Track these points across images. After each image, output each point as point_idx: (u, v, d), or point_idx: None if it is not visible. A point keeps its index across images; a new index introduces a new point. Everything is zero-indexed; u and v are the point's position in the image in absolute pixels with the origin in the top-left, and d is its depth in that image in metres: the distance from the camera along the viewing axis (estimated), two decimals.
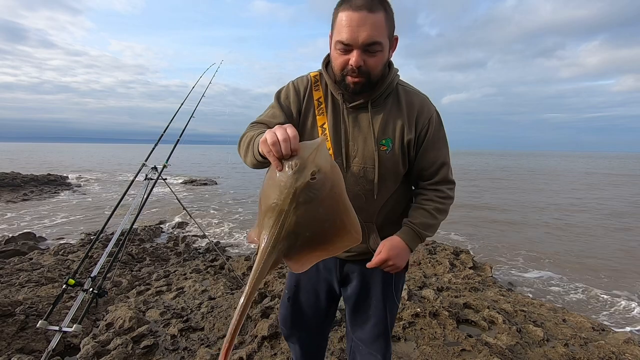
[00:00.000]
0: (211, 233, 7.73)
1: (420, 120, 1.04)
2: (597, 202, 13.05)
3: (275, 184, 0.75)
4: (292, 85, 1.11)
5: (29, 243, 5.88)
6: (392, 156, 1.03)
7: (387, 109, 1.03)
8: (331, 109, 1.05)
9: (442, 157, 1.08)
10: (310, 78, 1.10)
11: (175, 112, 3.09)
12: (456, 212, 10.60)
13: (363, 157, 1.02)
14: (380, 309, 1.17)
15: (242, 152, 1.00)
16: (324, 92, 1.07)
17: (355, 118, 1.03)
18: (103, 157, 47.73)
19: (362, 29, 0.86)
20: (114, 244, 2.28)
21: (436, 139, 1.07)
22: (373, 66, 0.92)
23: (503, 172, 29.69)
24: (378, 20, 0.87)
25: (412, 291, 2.99)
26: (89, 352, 2.07)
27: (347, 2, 0.88)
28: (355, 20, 0.85)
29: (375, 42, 0.88)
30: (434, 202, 1.07)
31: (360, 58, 0.89)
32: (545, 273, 5.37)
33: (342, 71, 0.94)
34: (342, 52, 0.91)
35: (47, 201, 11.34)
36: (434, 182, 1.09)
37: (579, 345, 2.44)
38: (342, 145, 1.03)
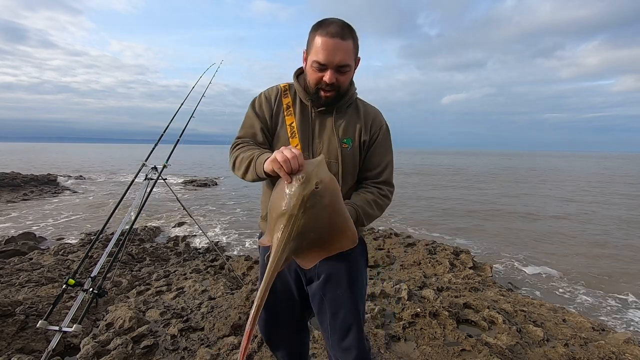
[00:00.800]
0: (211, 233, 7.73)
1: (374, 127, 1.25)
2: (599, 202, 13.05)
3: (284, 195, 0.91)
4: (264, 94, 1.28)
5: (29, 243, 5.88)
6: (352, 153, 1.21)
7: (348, 115, 1.23)
8: (299, 111, 1.22)
9: (386, 161, 1.27)
10: (280, 87, 1.28)
11: (175, 112, 3.09)
12: (456, 212, 10.60)
13: (328, 153, 1.19)
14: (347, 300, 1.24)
15: (240, 171, 1.14)
16: (292, 98, 1.25)
17: (321, 120, 1.22)
18: (103, 157, 47.73)
19: (336, 53, 1.05)
20: (114, 244, 2.28)
21: (383, 145, 1.26)
22: (343, 83, 1.13)
23: (503, 172, 29.69)
24: (348, 46, 1.07)
25: (412, 291, 2.99)
26: (89, 352, 2.07)
27: (324, 29, 1.05)
28: (330, 45, 1.04)
29: (346, 64, 1.08)
30: (374, 195, 1.21)
31: (333, 76, 1.09)
32: (545, 273, 5.37)
33: (316, 85, 1.13)
34: (318, 70, 1.09)
35: (47, 201, 11.34)
36: (377, 182, 1.25)
37: (579, 345, 2.44)
38: (309, 141, 1.20)
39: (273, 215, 0.95)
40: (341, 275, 1.23)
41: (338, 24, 1.06)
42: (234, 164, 1.17)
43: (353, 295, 1.24)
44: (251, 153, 1.10)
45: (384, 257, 5.06)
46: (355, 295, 1.24)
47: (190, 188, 15.94)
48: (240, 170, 1.13)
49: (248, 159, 1.10)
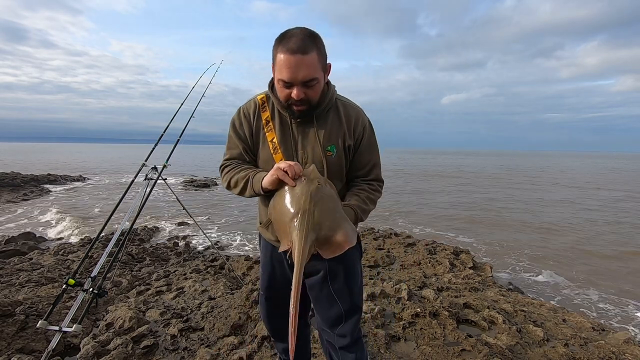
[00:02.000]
0: (211, 233, 7.73)
1: (357, 129, 1.24)
2: (600, 202, 13.05)
3: (292, 198, 1.02)
4: (242, 112, 1.26)
5: (29, 243, 5.88)
6: (337, 159, 1.22)
7: (330, 121, 1.22)
8: (278, 125, 1.21)
9: (374, 159, 1.30)
10: (257, 101, 1.25)
11: (175, 112, 3.09)
12: (457, 212, 10.60)
13: (313, 162, 1.19)
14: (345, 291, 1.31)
15: (236, 189, 1.20)
16: (270, 112, 1.23)
17: (303, 130, 1.21)
18: (103, 157, 47.73)
19: (299, 70, 1.02)
20: (114, 244, 2.28)
21: (369, 144, 1.28)
22: (313, 96, 1.11)
23: (504, 172, 29.69)
24: (312, 60, 1.03)
25: (412, 291, 2.99)
26: (89, 352, 2.07)
27: (284, 45, 1.02)
28: (292, 62, 1.01)
29: (312, 78, 1.05)
30: (366, 192, 1.25)
31: (300, 92, 1.06)
32: (545, 273, 5.37)
33: (286, 101, 1.12)
34: (285, 87, 1.07)
35: (47, 201, 11.34)
36: (369, 179, 1.30)
37: (579, 345, 2.44)
38: (293, 154, 1.21)
39: (284, 219, 1.02)
40: (339, 270, 1.29)
41: (298, 38, 1.01)
42: (228, 184, 1.22)
43: (350, 286, 1.31)
44: (245, 173, 1.17)
45: (384, 257, 5.06)
46: (352, 287, 1.31)
47: (190, 188, 15.94)
48: (236, 189, 1.19)
49: (244, 179, 1.16)
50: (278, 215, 1.05)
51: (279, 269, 1.39)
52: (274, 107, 1.23)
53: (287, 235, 1.02)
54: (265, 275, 1.43)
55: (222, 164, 1.28)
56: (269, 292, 1.44)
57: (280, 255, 1.36)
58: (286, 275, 1.37)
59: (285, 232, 1.03)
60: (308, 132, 1.21)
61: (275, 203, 1.07)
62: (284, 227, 1.03)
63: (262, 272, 1.46)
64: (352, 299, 1.31)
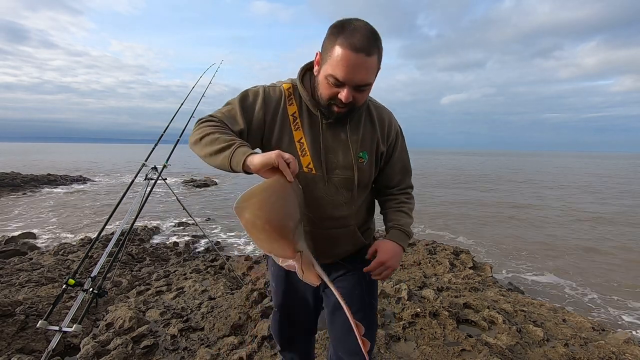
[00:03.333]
0: (211, 233, 7.73)
1: (391, 135, 1.16)
2: (601, 202, 13.05)
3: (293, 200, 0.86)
4: (264, 93, 1.06)
5: (29, 243, 5.89)
6: (368, 167, 1.12)
7: (362, 125, 1.11)
8: (308, 124, 1.07)
9: (407, 167, 1.23)
10: (283, 90, 1.08)
11: (175, 112, 3.10)
12: (457, 212, 10.60)
13: (343, 169, 1.08)
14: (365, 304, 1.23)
15: (206, 149, 0.94)
16: (298, 106, 1.07)
17: (333, 133, 1.08)
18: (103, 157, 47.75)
19: (358, 72, 0.90)
20: (114, 244, 2.28)
21: (402, 151, 1.21)
22: (360, 100, 0.99)
23: (504, 172, 29.69)
24: (373, 63, 0.91)
25: (412, 291, 2.99)
26: (89, 352, 2.07)
27: (347, 38, 0.88)
28: (352, 62, 0.88)
29: (368, 83, 0.95)
30: (407, 204, 1.21)
31: (350, 94, 0.94)
32: (546, 273, 5.37)
33: (329, 100, 0.98)
34: (334, 85, 0.94)
35: (47, 201, 11.34)
36: (402, 188, 1.23)
37: (579, 345, 2.44)
38: (323, 158, 1.07)
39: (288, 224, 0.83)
40: (361, 279, 1.21)
41: (364, 35, 0.88)
42: (200, 139, 0.96)
43: (370, 300, 1.23)
44: (231, 139, 0.92)
45: None
46: (372, 300, 1.24)
47: (190, 188, 15.94)
48: (208, 148, 0.93)
49: (225, 142, 0.91)
50: (277, 216, 0.81)
51: (296, 284, 1.27)
52: (302, 102, 1.07)
53: (290, 245, 0.82)
54: (280, 291, 1.31)
55: (204, 117, 1.02)
56: (285, 309, 1.35)
57: None
58: (303, 290, 1.29)
59: (287, 240, 0.82)
60: (339, 135, 1.08)
61: (270, 200, 0.82)
62: (286, 233, 0.82)
63: (276, 287, 1.33)
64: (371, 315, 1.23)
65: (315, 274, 0.85)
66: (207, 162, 0.96)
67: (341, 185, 1.09)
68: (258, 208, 0.80)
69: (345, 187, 1.10)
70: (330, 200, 1.08)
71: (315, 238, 1.07)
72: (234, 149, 0.89)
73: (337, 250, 1.18)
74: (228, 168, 0.90)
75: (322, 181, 1.07)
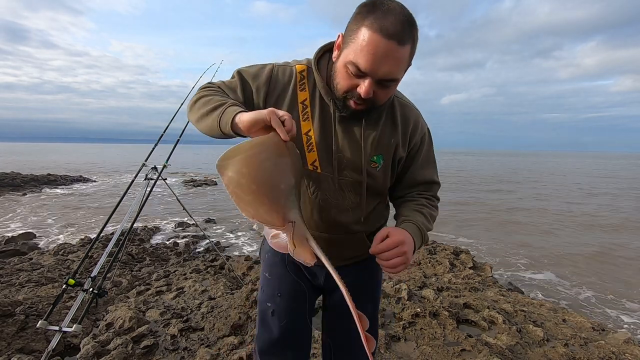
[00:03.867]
0: (211, 233, 7.73)
1: (415, 137, 0.99)
2: (600, 202, 13.05)
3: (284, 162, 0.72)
4: (270, 73, 0.93)
5: (29, 243, 5.89)
6: (382, 173, 0.97)
7: (381, 124, 0.94)
8: (319, 115, 0.92)
9: (432, 177, 1.05)
10: (295, 72, 0.93)
11: (175, 112, 3.09)
12: (457, 211, 10.60)
13: (353, 172, 0.94)
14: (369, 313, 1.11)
15: (198, 112, 0.85)
16: (310, 93, 0.92)
17: (346, 129, 0.92)
18: (103, 157, 47.76)
19: (385, 63, 0.74)
20: (114, 244, 2.28)
21: (429, 158, 1.04)
22: (382, 98, 0.83)
23: (504, 172, 29.69)
24: (404, 55, 0.75)
25: (412, 291, 2.99)
26: (89, 352, 2.07)
27: (377, 20, 0.72)
28: (381, 49, 0.72)
29: (394, 79, 0.78)
30: (427, 207, 0.99)
31: (371, 89, 0.78)
32: (545, 273, 5.37)
33: (345, 93, 0.83)
34: (354, 75, 0.78)
35: (47, 201, 11.34)
36: (426, 195, 1.05)
37: (579, 345, 2.44)
38: (330, 155, 0.92)
39: (276, 187, 0.71)
40: (368, 286, 1.11)
41: (399, 19, 0.72)
42: (195, 102, 0.89)
43: (374, 308, 1.14)
44: (225, 99, 0.84)
45: None
46: (376, 309, 1.15)
47: (190, 188, 15.94)
48: (199, 111, 0.85)
49: (218, 102, 0.82)
50: (266, 175, 0.70)
51: (292, 271, 1.11)
52: (315, 89, 0.92)
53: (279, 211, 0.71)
54: (275, 279, 1.11)
55: (204, 84, 0.95)
56: (278, 300, 1.11)
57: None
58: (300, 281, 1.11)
59: (276, 205, 0.71)
60: (352, 132, 0.92)
61: (259, 157, 0.70)
62: (276, 197, 0.71)
63: (271, 276, 1.13)
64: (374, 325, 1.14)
65: (309, 251, 0.72)
66: (200, 129, 0.88)
67: (349, 189, 0.96)
68: (244, 165, 0.69)
69: (353, 190, 0.97)
70: (335, 204, 0.96)
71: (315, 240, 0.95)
72: (225, 108, 0.79)
73: (341, 254, 1.05)
74: (217, 130, 0.79)
75: (327, 181, 0.94)
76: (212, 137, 0.86)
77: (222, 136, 0.81)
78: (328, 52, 0.94)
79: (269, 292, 1.12)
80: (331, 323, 1.16)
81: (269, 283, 1.13)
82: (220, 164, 0.70)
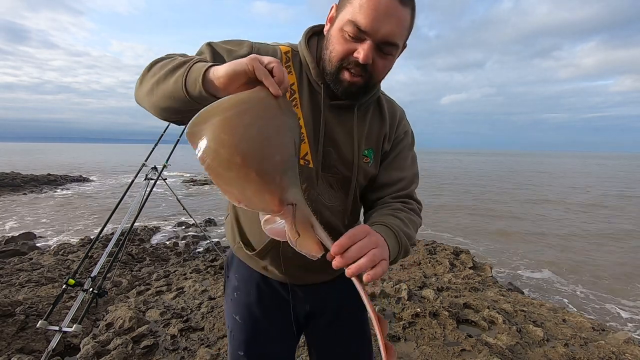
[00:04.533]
0: (211, 233, 7.73)
1: (398, 131, 0.92)
2: (600, 202, 13.06)
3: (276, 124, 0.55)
4: (251, 49, 0.79)
5: (29, 243, 5.88)
6: (373, 169, 0.88)
7: (370, 116, 0.88)
8: (308, 101, 0.81)
9: (411, 175, 0.92)
10: (280, 54, 0.81)
11: None
12: (457, 211, 10.60)
13: (343, 168, 0.84)
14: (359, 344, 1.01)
15: (157, 75, 0.66)
16: (297, 76, 0.82)
17: (337, 119, 0.83)
18: (103, 157, 47.76)
19: (387, 21, 0.67)
20: (114, 244, 2.28)
21: (405, 155, 0.92)
22: (380, 69, 0.75)
23: (504, 172, 29.70)
24: (405, 17, 0.70)
25: (412, 291, 2.99)
26: (89, 352, 2.07)
27: None
28: (383, 6, 0.66)
29: (394, 42, 0.71)
30: (404, 212, 0.83)
31: (370, 53, 0.69)
32: (545, 273, 5.37)
33: (341, 61, 0.73)
34: (352, 38, 0.70)
35: (47, 201, 11.34)
36: (400, 195, 0.89)
37: (579, 345, 2.44)
38: (318, 147, 0.81)
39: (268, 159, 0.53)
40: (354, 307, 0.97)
41: None
42: (149, 69, 0.69)
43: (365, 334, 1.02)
44: (189, 58, 0.66)
45: None
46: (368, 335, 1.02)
47: (190, 188, 15.94)
48: (155, 77, 0.66)
49: (181, 60, 0.65)
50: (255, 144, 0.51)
51: (272, 307, 0.94)
52: (303, 73, 0.82)
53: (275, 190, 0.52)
54: (250, 322, 0.94)
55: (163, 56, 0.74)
56: (254, 348, 0.94)
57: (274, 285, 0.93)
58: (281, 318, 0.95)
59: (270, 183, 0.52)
60: (343, 121, 0.83)
61: (244, 119, 0.52)
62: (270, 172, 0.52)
63: (243, 320, 0.95)
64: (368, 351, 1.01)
65: (315, 240, 0.56)
66: (154, 102, 0.67)
67: (339, 187, 0.86)
68: (224, 129, 0.50)
69: (342, 190, 0.86)
70: (328, 206, 0.84)
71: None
72: (191, 64, 0.61)
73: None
74: (182, 94, 0.61)
75: (319, 178, 0.82)
76: (174, 109, 0.65)
77: (189, 103, 0.61)
78: (316, 34, 0.86)
79: (241, 338, 0.95)
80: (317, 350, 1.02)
81: (242, 328, 0.95)
82: (190, 130, 0.52)
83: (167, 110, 0.67)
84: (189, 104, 0.62)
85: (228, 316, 1.00)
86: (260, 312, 0.94)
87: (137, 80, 0.72)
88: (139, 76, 0.71)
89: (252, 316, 0.94)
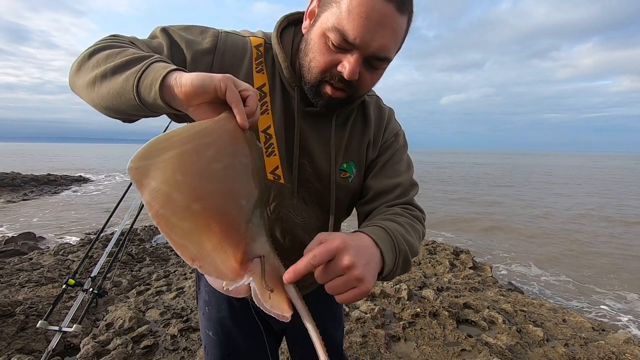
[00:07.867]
0: None
1: (386, 134, 0.80)
2: (600, 202, 13.06)
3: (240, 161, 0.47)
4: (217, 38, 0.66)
5: (29, 243, 5.88)
6: (354, 184, 0.77)
7: (352, 122, 0.76)
8: (280, 106, 0.69)
9: (408, 181, 0.79)
10: (250, 48, 0.68)
11: None
12: (457, 211, 10.60)
13: (319, 183, 0.74)
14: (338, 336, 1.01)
15: (100, 68, 0.53)
16: (269, 76, 0.69)
17: (312, 127, 0.71)
18: (104, 156, 47.76)
19: (381, 33, 0.56)
20: (114, 244, 2.28)
21: (404, 157, 0.82)
22: (367, 84, 0.64)
23: (504, 172, 29.70)
24: (402, 26, 0.58)
25: (412, 291, 2.99)
26: (89, 352, 2.08)
27: None
28: (376, 14, 0.54)
29: (387, 57, 0.60)
30: (405, 217, 0.71)
31: (357, 68, 0.58)
32: (546, 273, 5.37)
33: (322, 74, 0.61)
34: (336, 49, 0.58)
35: (47, 201, 11.34)
36: (400, 202, 0.77)
37: (579, 345, 2.44)
38: (296, 162, 0.70)
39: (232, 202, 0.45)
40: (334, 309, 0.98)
41: None
42: (90, 55, 0.56)
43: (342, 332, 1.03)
44: (146, 54, 0.54)
45: None
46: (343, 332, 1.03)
47: None
48: (99, 67, 0.54)
49: (134, 55, 0.53)
50: (216, 186, 0.44)
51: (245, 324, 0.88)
52: (275, 72, 0.70)
53: (239, 244, 0.45)
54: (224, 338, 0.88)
55: (108, 36, 0.61)
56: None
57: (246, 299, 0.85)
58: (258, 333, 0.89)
59: (234, 235, 0.45)
60: (319, 130, 0.72)
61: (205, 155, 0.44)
62: (233, 222, 0.45)
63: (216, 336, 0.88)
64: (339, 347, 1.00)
65: (285, 299, 0.47)
66: (94, 99, 0.55)
67: (314, 203, 0.76)
68: (180, 169, 0.42)
69: (319, 207, 0.76)
70: (301, 224, 0.75)
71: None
72: (149, 63, 0.51)
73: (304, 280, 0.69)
74: (131, 98, 0.50)
75: (290, 195, 0.72)
76: (119, 110, 0.55)
77: (137, 108, 0.51)
78: (294, 23, 0.72)
79: (216, 354, 0.89)
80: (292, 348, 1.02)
81: (215, 345, 0.88)
82: (135, 165, 0.41)
83: (109, 109, 0.56)
84: (137, 109, 0.52)
85: (202, 330, 0.93)
86: (233, 328, 0.87)
87: (74, 65, 0.58)
88: (77, 60, 0.58)
89: (225, 331, 0.88)
